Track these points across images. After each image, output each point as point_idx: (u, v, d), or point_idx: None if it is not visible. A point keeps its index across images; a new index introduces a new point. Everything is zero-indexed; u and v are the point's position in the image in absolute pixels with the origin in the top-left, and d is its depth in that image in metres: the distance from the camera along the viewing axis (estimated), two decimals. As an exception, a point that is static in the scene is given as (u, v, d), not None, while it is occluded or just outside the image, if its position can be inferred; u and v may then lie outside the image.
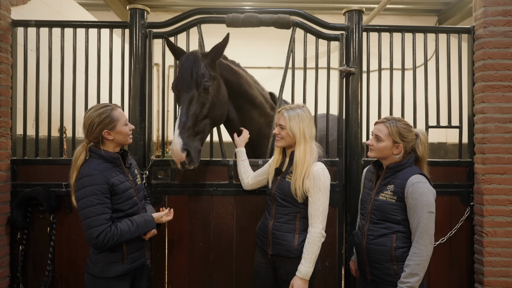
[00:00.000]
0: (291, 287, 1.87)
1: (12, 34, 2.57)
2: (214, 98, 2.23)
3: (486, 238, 2.45)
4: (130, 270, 1.86)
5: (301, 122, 1.93)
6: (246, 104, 2.50)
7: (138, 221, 1.86)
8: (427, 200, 1.77)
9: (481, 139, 2.51)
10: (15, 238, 2.49)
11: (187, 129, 2.10)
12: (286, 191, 1.94)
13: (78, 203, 1.77)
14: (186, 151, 2.06)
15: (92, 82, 2.61)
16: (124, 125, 1.90)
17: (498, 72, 2.48)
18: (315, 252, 1.88)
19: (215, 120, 2.31)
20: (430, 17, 7.23)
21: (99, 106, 1.88)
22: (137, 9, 2.53)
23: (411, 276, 1.74)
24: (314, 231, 1.88)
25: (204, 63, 2.20)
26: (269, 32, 3.39)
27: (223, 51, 2.29)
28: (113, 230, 1.75)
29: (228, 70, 2.40)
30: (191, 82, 2.15)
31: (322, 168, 1.92)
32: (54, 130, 3.05)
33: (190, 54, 2.25)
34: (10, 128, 2.55)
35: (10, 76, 2.56)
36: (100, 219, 1.73)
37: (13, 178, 2.53)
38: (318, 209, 1.88)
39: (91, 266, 1.84)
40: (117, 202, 1.83)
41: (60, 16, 3.70)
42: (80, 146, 1.87)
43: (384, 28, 2.65)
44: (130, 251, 1.86)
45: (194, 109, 2.14)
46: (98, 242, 1.72)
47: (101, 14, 6.34)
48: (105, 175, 1.78)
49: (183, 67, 2.19)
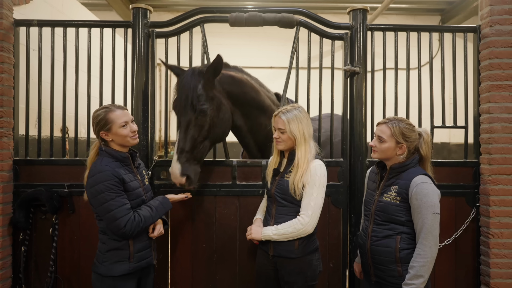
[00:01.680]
0: (249, 229, 2.00)
1: (14, 33, 2.56)
2: (213, 119, 2.19)
3: (492, 239, 2.42)
4: (136, 269, 1.88)
5: (300, 124, 1.92)
6: (253, 110, 2.45)
7: (155, 204, 1.95)
8: (432, 201, 1.75)
9: (487, 139, 2.48)
10: (18, 239, 2.48)
11: (185, 153, 2.11)
12: (285, 190, 1.94)
13: (94, 199, 1.80)
14: (186, 176, 2.10)
15: (95, 82, 2.60)
16: (121, 127, 1.89)
17: (504, 71, 2.45)
18: (287, 232, 1.88)
19: (215, 139, 2.29)
20: (433, 16, 7.19)
21: (100, 108, 1.95)
22: (140, 9, 2.52)
23: (416, 277, 1.72)
24: (299, 219, 1.88)
25: (201, 84, 2.15)
26: (272, 31, 3.39)
27: (219, 71, 2.19)
28: (137, 217, 1.83)
29: (230, 83, 2.32)
30: (187, 105, 2.12)
31: (320, 165, 1.94)
32: (57, 130, 3.04)
33: (187, 73, 2.21)
34: (12, 128, 2.54)
35: (12, 76, 2.55)
36: (123, 209, 1.79)
37: (15, 178, 2.52)
38: (309, 203, 1.88)
39: (98, 265, 1.87)
40: (127, 199, 1.86)
41: (63, 15, 3.69)
42: (95, 143, 1.94)
43: (389, 27, 2.63)
44: (137, 249, 1.88)
45: (192, 133, 2.13)
46: (127, 231, 1.79)
47: (103, 14, 6.34)
48: (116, 171, 1.84)
49: (180, 88, 2.18)
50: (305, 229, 1.88)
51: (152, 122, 2.54)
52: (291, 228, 1.88)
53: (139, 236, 1.89)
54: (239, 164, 2.52)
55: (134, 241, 1.87)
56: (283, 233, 1.89)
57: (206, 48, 2.55)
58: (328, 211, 2.51)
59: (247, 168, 2.52)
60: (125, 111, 1.96)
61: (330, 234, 2.53)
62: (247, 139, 2.52)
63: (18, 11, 2.66)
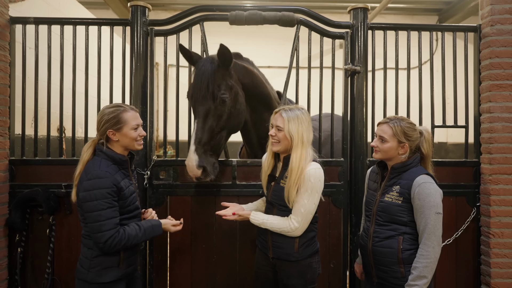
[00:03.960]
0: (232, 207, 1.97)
1: (10, 31, 2.52)
2: (231, 108, 2.14)
3: (493, 239, 2.42)
4: (125, 274, 1.83)
5: (300, 125, 1.84)
6: (260, 104, 2.42)
7: (145, 226, 1.84)
8: (434, 200, 1.73)
9: (488, 139, 2.47)
10: (14, 240, 2.44)
11: (203, 145, 2.05)
12: (281, 196, 1.88)
13: (86, 204, 1.72)
14: (202, 168, 2.04)
15: (92, 81, 2.57)
16: (133, 129, 1.83)
17: (505, 71, 2.44)
18: (274, 226, 1.85)
19: (232, 129, 2.24)
20: (430, 16, 7.22)
21: (113, 105, 1.87)
22: (138, 6, 2.49)
23: (419, 278, 1.70)
24: (289, 222, 1.83)
25: (220, 72, 2.10)
26: (270, 31, 3.38)
27: (230, 59, 2.13)
28: (121, 234, 1.73)
29: (244, 74, 2.29)
30: (207, 94, 2.06)
31: (315, 169, 1.83)
32: (53, 129, 3.00)
33: (206, 60, 2.14)
34: (8, 127, 2.50)
35: (8, 74, 2.50)
36: (110, 223, 1.71)
37: (11, 178, 2.48)
38: (299, 210, 1.82)
39: (83, 271, 1.77)
40: (122, 206, 1.80)
41: (59, 13, 3.64)
42: (90, 141, 1.86)
43: (389, 26, 2.62)
44: (127, 255, 1.83)
45: (210, 123, 2.07)
46: (106, 246, 1.71)
47: (99, 12, 6.29)
48: (115, 178, 1.76)
49: (198, 76, 2.10)
50: (293, 233, 1.85)
51: (151, 121, 2.51)
52: (279, 229, 1.85)
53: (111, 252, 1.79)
54: (239, 164, 2.50)
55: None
56: (268, 227, 1.87)
57: (205, 46, 2.53)
58: (329, 211, 2.50)
59: (247, 168, 2.50)
60: (138, 114, 1.90)
61: (331, 234, 2.51)
62: (251, 134, 2.49)
63: (14, 8, 2.62)
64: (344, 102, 2.57)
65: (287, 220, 1.86)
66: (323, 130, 2.64)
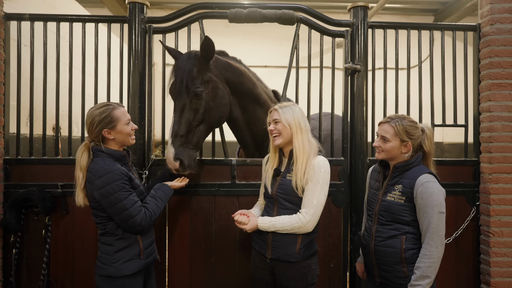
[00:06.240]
0: (241, 216, 1.92)
1: (4, 28, 2.46)
2: (209, 102, 2.15)
3: (492, 238, 2.42)
4: (146, 265, 1.88)
5: (295, 114, 1.89)
6: (251, 102, 2.41)
7: (159, 194, 1.96)
8: (437, 200, 1.72)
9: (488, 138, 2.47)
10: (8, 241, 2.39)
11: (179, 138, 2.08)
12: (288, 189, 1.86)
13: (106, 200, 1.75)
14: (179, 160, 2.06)
15: (89, 79, 2.53)
16: (125, 124, 1.88)
17: (505, 70, 2.45)
18: (283, 228, 1.81)
19: (212, 124, 2.24)
20: (427, 16, 7.25)
21: (100, 105, 1.88)
22: (136, 3, 2.45)
23: (422, 278, 1.69)
24: (300, 217, 1.80)
25: (197, 67, 2.12)
26: (267, 30, 3.36)
27: (212, 52, 2.12)
28: (147, 213, 1.84)
29: (227, 69, 2.29)
30: (182, 88, 2.09)
31: (324, 160, 1.88)
32: (49, 128, 2.96)
33: (183, 56, 2.17)
34: (3, 126, 2.45)
35: (3, 72, 2.45)
36: (137, 207, 1.80)
37: (6, 178, 2.43)
38: (312, 201, 1.81)
39: (105, 267, 1.81)
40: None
41: (55, 10, 3.60)
42: (82, 145, 1.86)
43: (389, 24, 2.61)
44: (145, 246, 1.88)
45: (187, 116, 2.10)
46: (142, 228, 1.81)
47: (94, 10, 6.21)
48: (124, 169, 1.82)
49: (175, 71, 2.14)
50: (305, 228, 1.81)
51: (149, 120, 2.48)
52: (290, 226, 1.81)
53: (147, 232, 1.90)
54: (239, 163, 2.47)
55: (142, 237, 1.87)
56: (278, 229, 1.83)
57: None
58: (329, 210, 2.48)
59: (246, 167, 2.47)
60: (125, 109, 1.94)
61: (331, 234, 2.50)
62: (244, 133, 2.47)
63: (8, 4, 2.58)
64: (344, 101, 2.55)
65: (296, 215, 1.83)
66: (323, 129, 2.63)
